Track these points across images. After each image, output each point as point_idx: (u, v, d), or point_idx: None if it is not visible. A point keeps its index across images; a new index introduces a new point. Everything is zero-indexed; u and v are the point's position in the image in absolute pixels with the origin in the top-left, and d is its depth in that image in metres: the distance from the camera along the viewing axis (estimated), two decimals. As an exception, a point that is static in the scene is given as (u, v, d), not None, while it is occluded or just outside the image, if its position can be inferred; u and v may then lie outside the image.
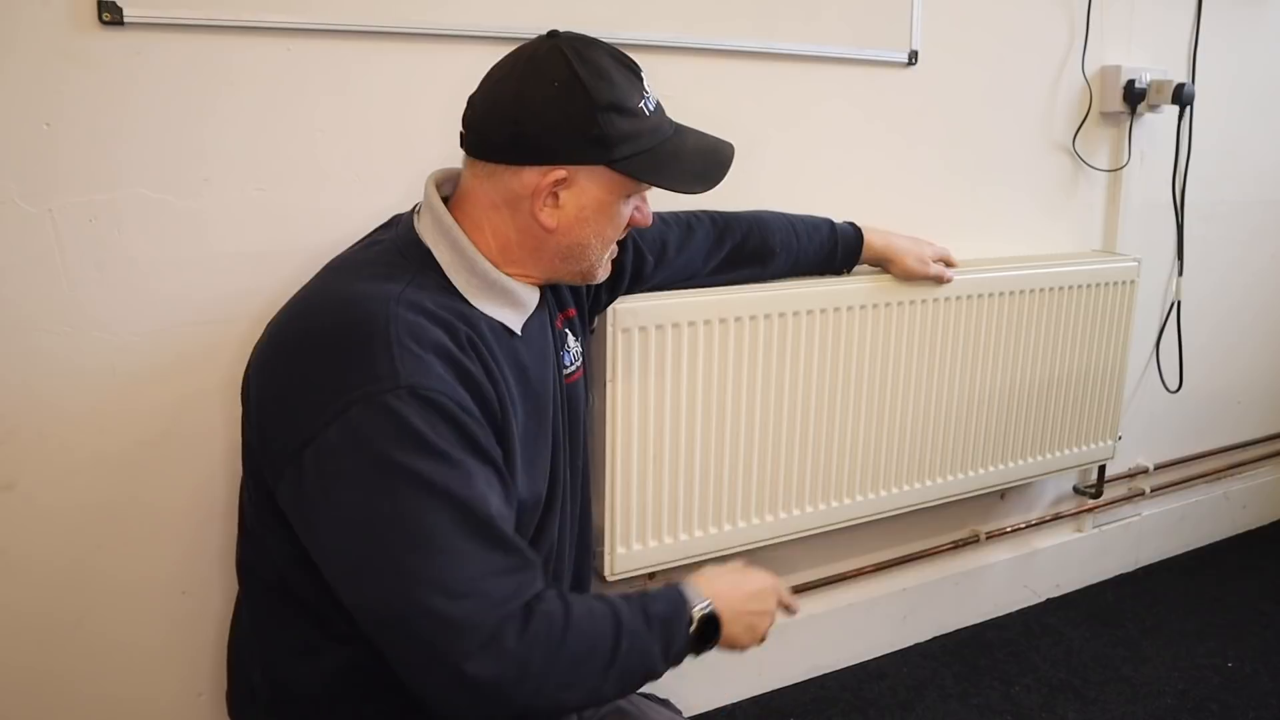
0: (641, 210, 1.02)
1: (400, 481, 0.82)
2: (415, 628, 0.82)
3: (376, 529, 0.83)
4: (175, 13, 1.10)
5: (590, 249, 0.99)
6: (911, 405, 1.63)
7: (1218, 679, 1.86)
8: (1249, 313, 2.29)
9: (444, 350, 0.88)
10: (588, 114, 0.91)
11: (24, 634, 1.19)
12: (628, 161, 0.94)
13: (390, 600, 0.82)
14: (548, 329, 1.08)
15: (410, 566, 0.82)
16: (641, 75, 0.97)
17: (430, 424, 0.83)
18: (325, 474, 0.84)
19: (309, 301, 0.95)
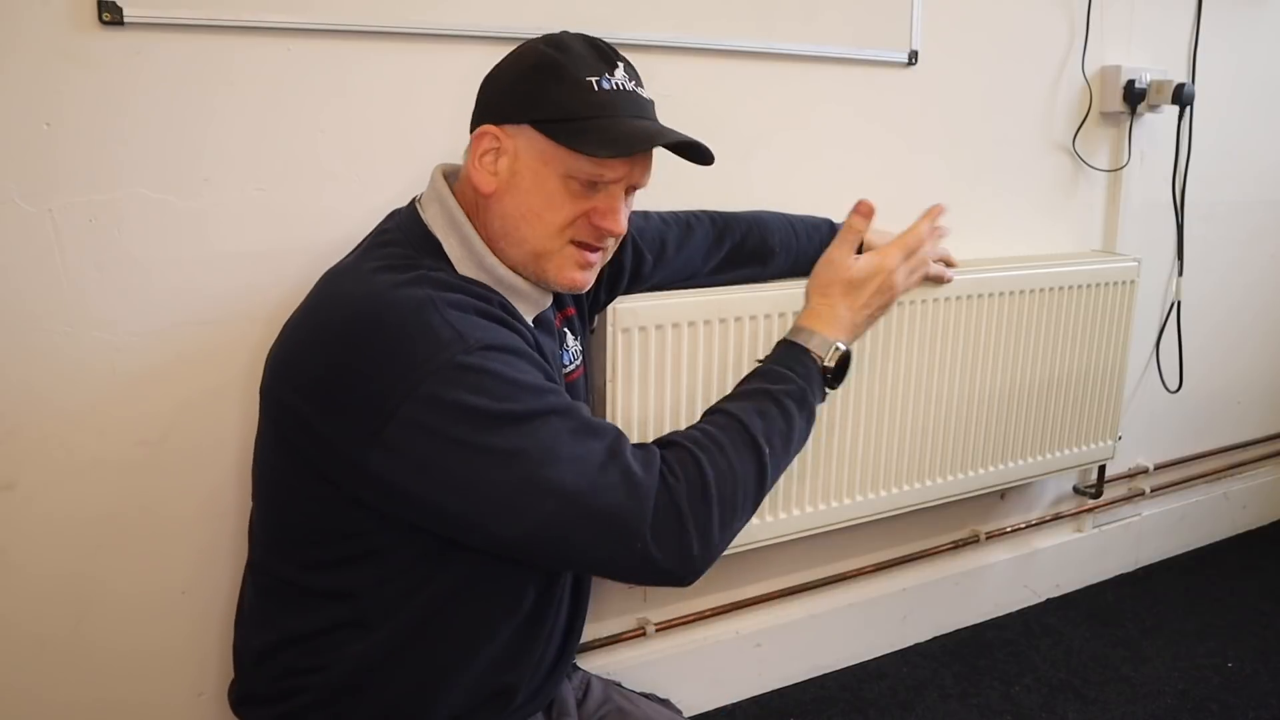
0: (604, 213, 0.95)
1: (505, 420, 0.84)
2: (584, 532, 0.86)
3: (500, 469, 0.84)
4: (175, 13, 1.10)
5: (523, 224, 0.94)
6: (911, 405, 1.63)
7: (1218, 679, 1.86)
8: (1249, 313, 2.29)
9: (486, 313, 0.90)
10: (526, 74, 0.93)
11: (24, 633, 1.19)
12: (551, 124, 0.92)
13: (548, 518, 0.85)
14: (552, 327, 1.09)
15: (549, 484, 0.84)
16: (616, 64, 0.95)
17: (506, 366, 0.86)
18: (420, 446, 0.84)
19: (337, 295, 0.93)
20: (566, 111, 0.91)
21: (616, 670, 1.59)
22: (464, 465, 0.84)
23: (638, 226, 1.27)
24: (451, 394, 0.83)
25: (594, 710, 1.21)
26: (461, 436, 0.84)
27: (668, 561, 0.88)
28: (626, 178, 0.95)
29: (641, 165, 0.97)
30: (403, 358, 0.84)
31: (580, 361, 1.16)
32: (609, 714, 1.21)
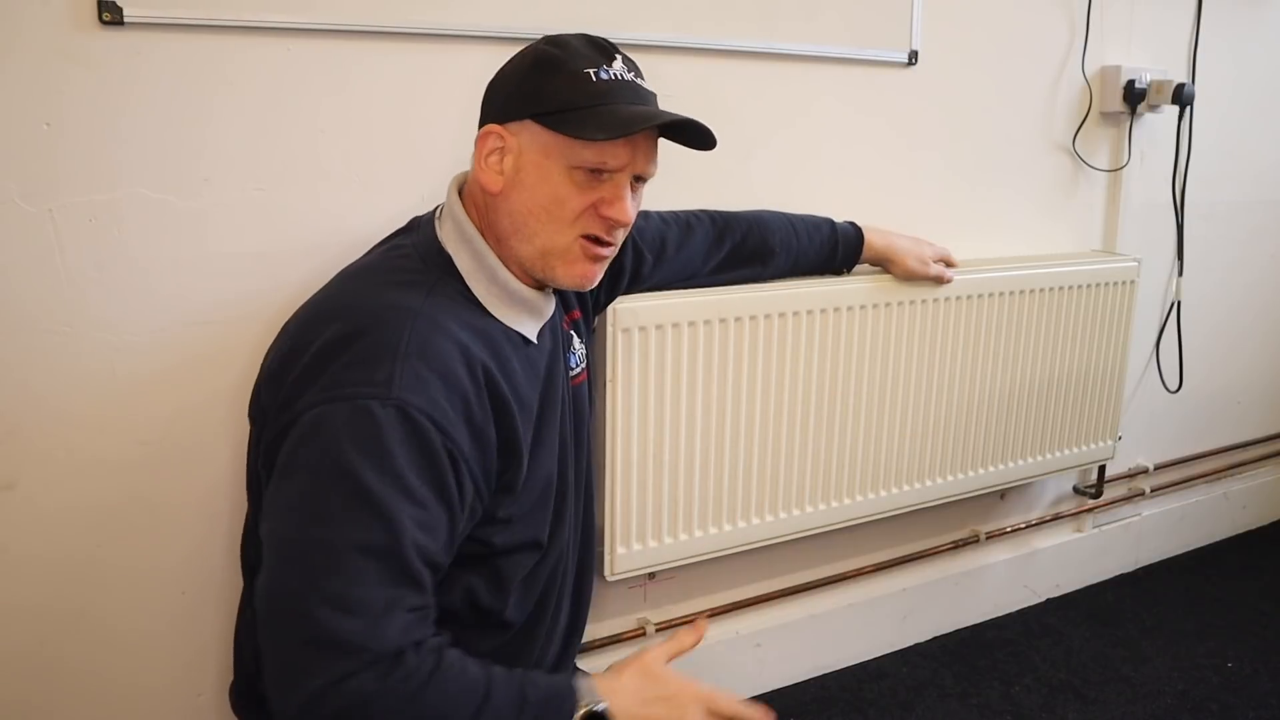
0: (610, 203, 0.94)
1: (347, 485, 0.82)
2: (293, 627, 0.81)
3: (306, 521, 0.83)
4: (175, 13, 1.10)
5: (532, 220, 0.94)
6: (911, 405, 1.63)
7: (1218, 679, 1.86)
8: (1249, 313, 2.29)
9: (452, 376, 0.88)
10: (527, 73, 0.94)
11: (24, 633, 1.19)
12: (552, 116, 0.92)
13: (285, 592, 0.82)
14: (558, 332, 1.08)
15: (316, 568, 0.81)
16: (614, 56, 0.95)
17: (402, 443, 0.84)
18: (293, 454, 0.85)
19: (331, 306, 0.95)
20: (566, 102, 0.91)
21: (616, 670, 1.59)
22: (293, 493, 0.85)
23: (638, 227, 1.27)
24: (335, 430, 0.83)
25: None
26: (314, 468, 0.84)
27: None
28: (630, 166, 0.94)
29: (645, 153, 0.96)
30: (334, 377, 0.86)
31: (585, 365, 1.16)
32: (608, 714, 1.20)
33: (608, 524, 1.41)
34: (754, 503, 1.52)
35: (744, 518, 1.52)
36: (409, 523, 0.84)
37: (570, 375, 1.12)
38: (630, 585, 1.60)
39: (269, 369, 0.96)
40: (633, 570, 1.45)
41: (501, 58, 0.99)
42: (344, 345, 0.88)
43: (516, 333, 0.98)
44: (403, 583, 0.83)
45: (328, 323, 0.91)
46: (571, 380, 1.12)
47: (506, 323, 0.97)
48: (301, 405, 0.86)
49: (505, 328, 0.97)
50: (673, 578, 1.63)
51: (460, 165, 1.04)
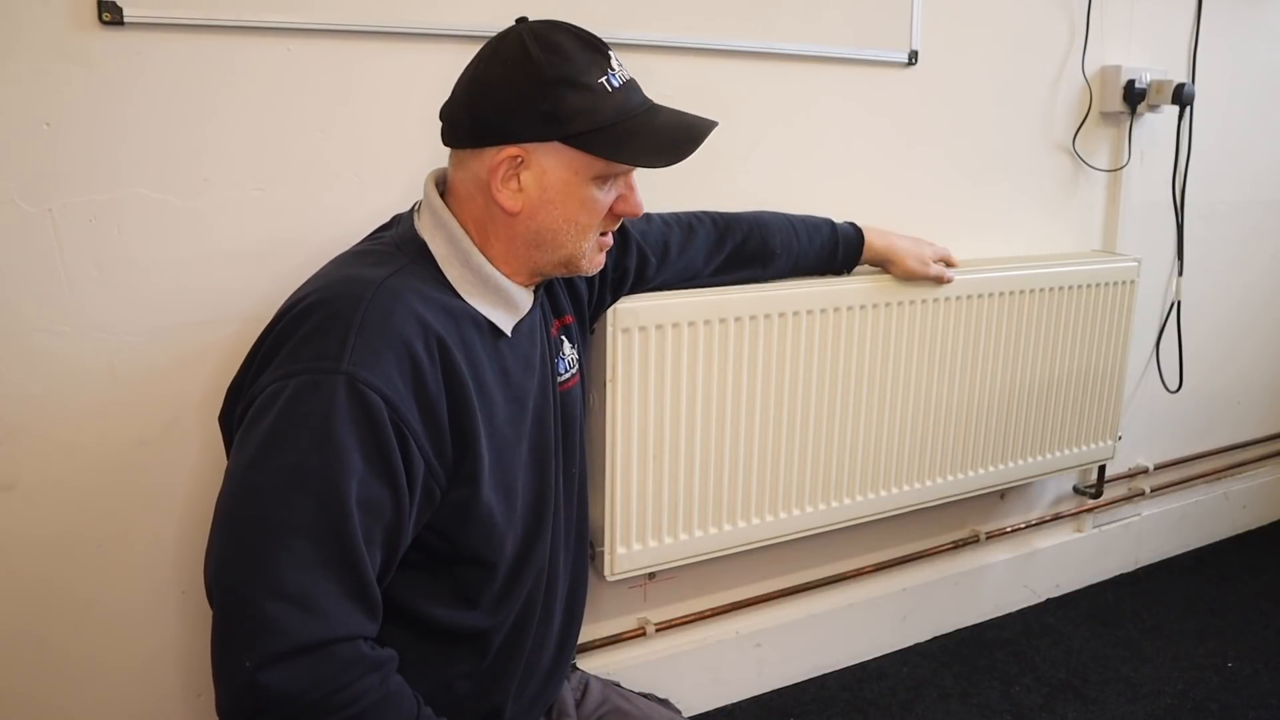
0: (627, 199, 0.99)
1: (288, 462, 0.82)
2: (231, 605, 0.80)
3: (246, 496, 0.83)
4: (175, 13, 1.10)
5: (561, 234, 0.96)
6: (911, 405, 1.63)
7: (1218, 679, 1.86)
8: (1249, 313, 2.29)
9: (405, 346, 0.87)
10: (537, 90, 0.91)
11: (24, 632, 1.19)
12: (584, 137, 0.92)
13: (224, 568, 0.82)
14: (538, 335, 1.07)
15: (255, 545, 0.81)
16: (608, 54, 0.95)
17: (347, 418, 0.83)
18: (246, 428, 0.86)
19: (302, 288, 0.97)
20: (594, 122, 0.92)
21: (616, 670, 1.59)
22: (240, 462, 0.84)
23: (640, 229, 1.27)
24: (287, 402, 0.83)
25: (593, 711, 1.21)
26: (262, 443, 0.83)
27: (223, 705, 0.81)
28: None
29: None
30: (288, 352, 0.87)
31: (577, 370, 1.15)
32: (608, 714, 1.20)
33: (607, 524, 1.41)
34: (754, 503, 1.52)
35: (744, 518, 1.52)
36: (351, 502, 0.82)
37: (559, 381, 1.10)
38: (630, 585, 1.60)
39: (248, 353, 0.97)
40: (633, 570, 1.45)
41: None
42: (303, 319, 0.88)
43: (487, 320, 0.97)
44: (340, 567, 0.82)
45: (293, 302, 0.92)
46: (560, 386, 1.11)
47: (478, 308, 0.96)
48: (261, 382, 0.87)
49: (475, 313, 0.96)
50: (673, 578, 1.63)
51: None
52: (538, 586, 1.07)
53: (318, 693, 0.79)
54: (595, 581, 1.46)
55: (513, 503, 1.01)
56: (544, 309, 1.09)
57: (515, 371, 1.01)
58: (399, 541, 0.89)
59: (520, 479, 1.03)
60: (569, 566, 1.15)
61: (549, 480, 1.07)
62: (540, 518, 1.06)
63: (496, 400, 0.98)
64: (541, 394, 1.06)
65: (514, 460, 1.02)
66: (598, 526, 1.42)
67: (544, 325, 1.08)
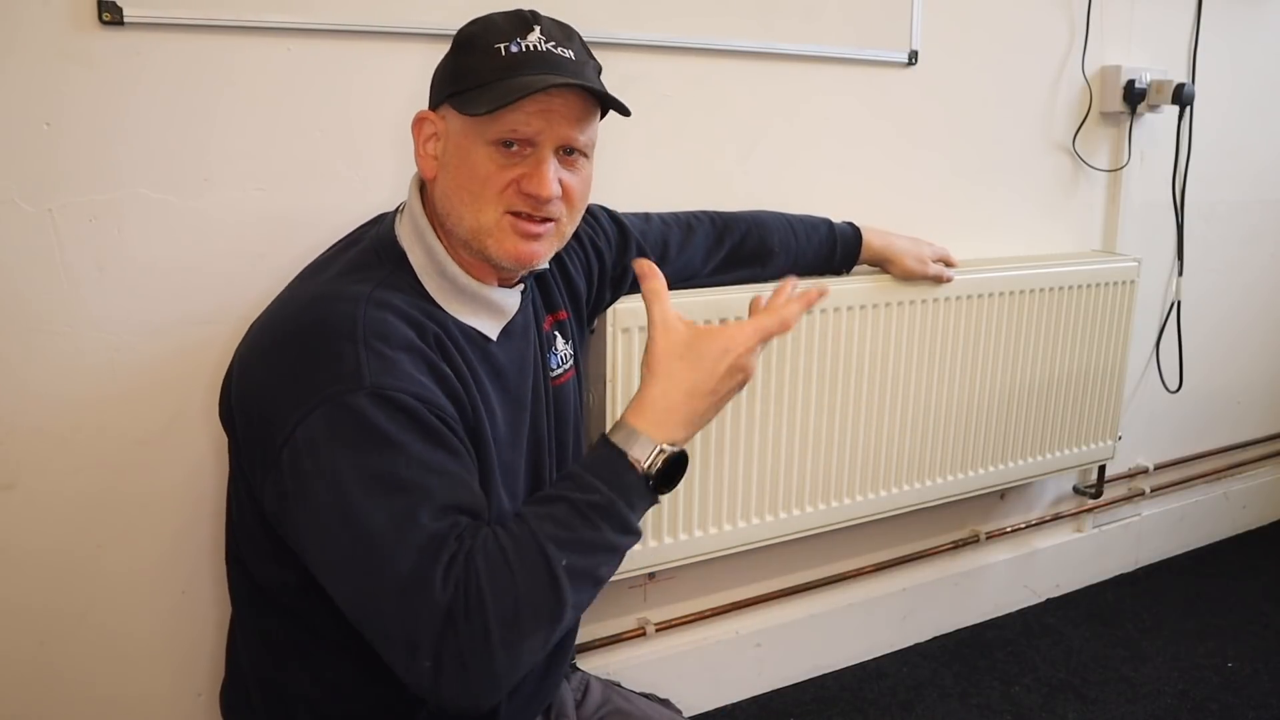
0: (529, 176, 0.91)
1: (359, 482, 0.82)
2: (380, 622, 0.81)
3: (341, 528, 0.82)
4: (175, 13, 1.10)
5: (456, 201, 0.93)
6: (911, 405, 1.63)
7: (1218, 679, 1.86)
8: (1249, 313, 2.29)
9: (414, 347, 0.88)
10: (450, 56, 0.95)
11: (23, 633, 1.19)
12: (459, 96, 0.91)
13: (358, 596, 0.82)
14: (531, 332, 1.06)
15: (370, 563, 0.81)
16: (534, 27, 0.93)
17: (391, 422, 0.83)
18: (299, 475, 0.84)
19: (284, 304, 0.95)
20: (472, 80, 0.91)
21: (616, 670, 1.59)
22: (317, 511, 0.84)
23: (640, 228, 1.27)
24: (328, 436, 0.82)
25: (593, 711, 1.21)
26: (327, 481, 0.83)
27: (448, 690, 0.81)
28: (548, 135, 0.91)
29: (562, 120, 0.91)
30: (303, 382, 0.85)
31: (571, 364, 1.15)
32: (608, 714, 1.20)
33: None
34: (754, 503, 1.52)
35: (744, 518, 1.52)
36: (437, 488, 0.83)
37: (551, 376, 1.10)
38: (630, 585, 1.60)
39: (234, 374, 0.95)
40: (633, 570, 1.45)
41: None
42: (302, 346, 0.87)
43: (473, 329, 0.97)
44: (456, 534, 0.82)
45: (283, 327, 0.90)
46: (553, 381, 1.10)
47: (460, 319, 0.96)
48: (288, 424, 0.84)
49: (459, 323, 0.96)
50: (673, 578, 1.63)
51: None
52: None
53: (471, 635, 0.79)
54: (595, 581, 1.46)
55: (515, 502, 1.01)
56: (536, 306, 1.09)
57: (510, 373, 1.01)
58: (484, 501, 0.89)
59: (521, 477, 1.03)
60: None
61: (544, 477, 1.07)
62: None
63: (495, 405, 0.98)
64: (534, 391, 1.06)
65: (516, 460, 1.02)
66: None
67: (535, 321, 1.08)
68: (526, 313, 1.05)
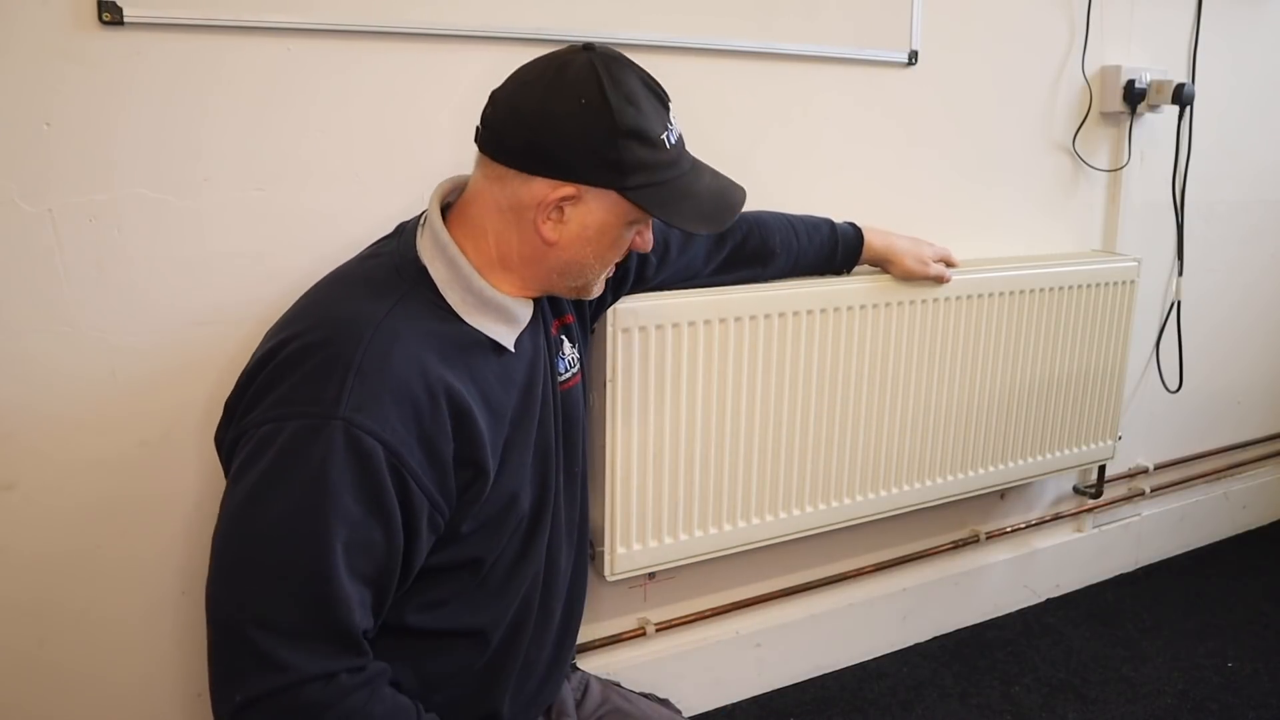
0: (643, 236, 1.02)
1: (281, 506, 0.84)
2: (221, 639, 0.84)
3: (241, 536, 0.85)
4: (175, 13, 1.10)
5: (588, 268, 0.99)
6: (911, 405, 1.63)
7: (1218, 679, 1.86)
8: (1249, 313, 2.29)
9: (404, 391, 0.88)
10: (608, 137, 0.90)
11: (23, 633, 1.19)
12: (639, 191, 0.93)
13: (216, 604, 0.85)
14: (540, 337, 1.07)
15: (242, 587, 0.84)
16: (668, 105, 0.96)
17: (342, 464, 0.84)
18: (240, 467, 0.87)
19: (301, 314, 0.96)
20: (651, 178, 0.94)
21: (616, 670, 1.59)
22: (240, 503, 0.86)
23: (640, 230, 1.28)
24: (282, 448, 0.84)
25: (593, 711, 1.21)
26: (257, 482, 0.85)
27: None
28: None
29: None
30: (287, 392, 0.87)
31: (578, 369, 1.15)
32: (608, 714, 1.20)
33: (607, 524, 1.41)
34: (754, 503, 1.52)
35: (744, 518, 1.52)
36: (339, 546, 0.84)
37: (560, 381, 1.11)
38: (630, 585, 1.60)
39: (242, 374, 0.96)
40: (633, 570, 1.45)
41: (502, 58, 0.99)
42: (301, 359, 0.88)
43: (490, 339, 0.97)
44: (331, 606, 0.84)
45: (293, 334, 0.91)
46: (561, 385, 1.11)
47: (480, 329, 0.96)
48: (254, 419, 0.87)
49: (478, 334, 0.96)
50: (673, 578, 1.63)
51: (461, 167, 1.04)
52: (535, 586, 1.08)
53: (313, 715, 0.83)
54: (595, 581, 1.46)
55: (518, 507, 1.02)
56: (543, 310, 1.09)
57: (522, 380, 1.02)
58: (390, 580, 0.90)
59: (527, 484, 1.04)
60: (569, 565, 1.15)
61: (550, 480, 1.08)
62: (539, 517, 1.06)
63: (506, 415, 0.99)
64: (542, 397, 1.06)
65: (521, 465, 1.03)
66: (598, 526, 1.42)
67: (543, 326, 1.08)
68: (534, 319, 1.05)
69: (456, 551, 0.97)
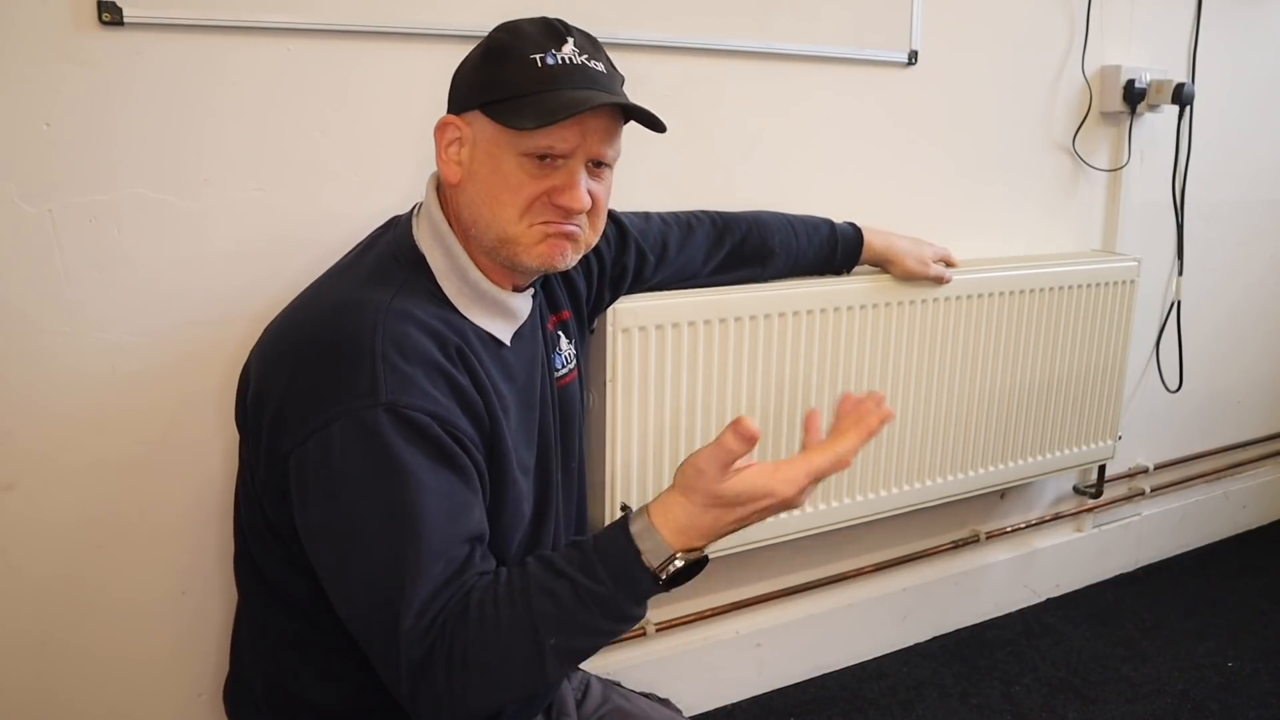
0: (561, 190, 0.92)
1: (367, 503, 0.83)
2: (368, 640, 0.85)
3: (343, 545, 0.85)
4: (175, 13, 1.10)
5: (485, 209, 0.93)
6: (911, 405, 1.63)
7: (1218, 679, 1.86)
8: (1249, 313, 2.29)
9: (431, 362, 0.88)
10: (479, 62, 0.94)
11: (24, 633, 1.19)
12: (494, 105, 0.91)
13: (349, 611, 0.86)
14: (538, 333, 1.07)
15: (364, 586, 0.84)
16: (567, 39, 0.93)
17: (405, 443, 0.83)
18: (304, 484, 0.85)
19: (304, 309, 0.95)
20: (509, 90, 0.91)
21: (616, 670, 1.59)
22: (322, 523, 0.86)
23: (639, 228, 1.27)
24: (341, 451, 0.84)
25: (593, 710, 1.21)
26: (332, 495, 0.85)
27: (423, 714, 0.85)
28: (581, 149, 0.92)
29: (596, 135, 0.92)
30: (321, 393, 0.86)
31: (574, 365, 1.15)
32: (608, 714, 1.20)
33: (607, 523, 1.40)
34: (754, 503, 1.52)
35: (744, 518, 1.52)
36: (439, 518, 0.84)
37: (556, 376, 1.10)
38: (630, 585, 1.60)
39: (250, 375, 0.95)
40: (633, 570, 1.44)
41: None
42: (322, 357, 0.87)
43: (488, 333, 0.97)
44: (450, 572, 0.84)
45: (303, 334, 0.91)
46: (558, 381, 1.10)
47: (477, 323, 0.96)
48: (301, 432, 0.85)
49: (475, 327, 0.96)
50: (673, 578, 1.63)
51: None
52: None
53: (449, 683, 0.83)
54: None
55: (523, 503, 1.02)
56: (540, 306, 1.09)
57: (521, 376, 1.02)
58: (487, 531, 0.91)
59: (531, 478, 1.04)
60: None
61: (550, 480, 1.08)
62: (543, 515, 1.07)
63: (510, 407, 0.99)
64: (539, 393, 1.06)
65: (527, 461, 1.03)
66: (597, 526, 1.41)
67: (540, 322, 1.08)
68: (534, 315, 1.05)
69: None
